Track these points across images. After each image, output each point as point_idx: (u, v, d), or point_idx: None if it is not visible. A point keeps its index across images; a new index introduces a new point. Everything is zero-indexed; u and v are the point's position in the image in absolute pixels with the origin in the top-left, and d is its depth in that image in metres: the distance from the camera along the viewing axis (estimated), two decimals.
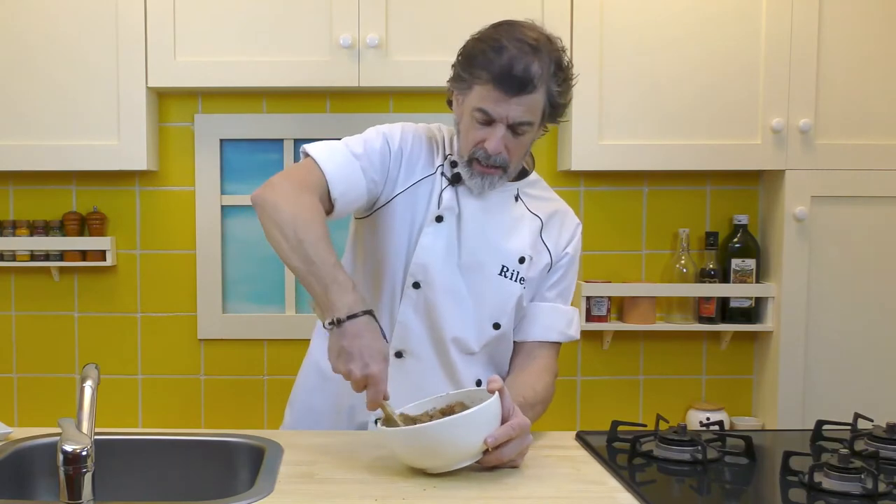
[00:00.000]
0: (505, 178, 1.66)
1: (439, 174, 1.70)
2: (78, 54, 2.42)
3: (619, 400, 2.67)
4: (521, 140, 1.63)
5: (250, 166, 2.66)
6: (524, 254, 1.70)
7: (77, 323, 2.68)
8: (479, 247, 1.68)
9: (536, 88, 1.56)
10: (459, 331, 1.70)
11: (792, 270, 2.48)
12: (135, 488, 1.59)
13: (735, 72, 2.44)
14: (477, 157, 1.62)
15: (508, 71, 1.55)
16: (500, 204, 1.72)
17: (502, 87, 1.55)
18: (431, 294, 1.67)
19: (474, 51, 1.62)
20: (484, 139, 1.60)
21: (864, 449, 1.54)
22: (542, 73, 1.57)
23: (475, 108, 1.60)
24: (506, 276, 1.69)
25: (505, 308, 1.70)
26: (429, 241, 1.66)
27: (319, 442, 1.61)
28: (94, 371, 1.35)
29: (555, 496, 1.34)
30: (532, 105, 1.58)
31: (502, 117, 1.58)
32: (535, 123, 1.61)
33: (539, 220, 1.75)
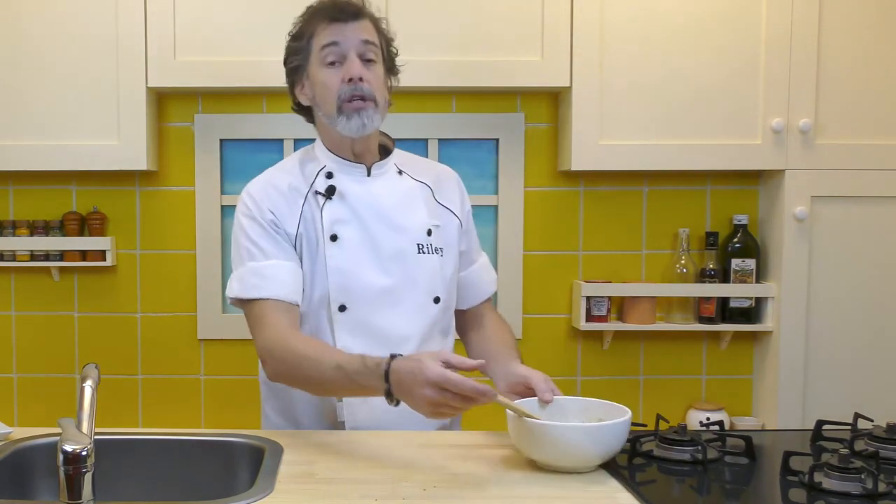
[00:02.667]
0: (377, 115, 1.68)
1: (312, 196, 1.71)
2: (78, 54, 2.41)
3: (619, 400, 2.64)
4: (376, 72, 1.69)
5: (250, 166, 2.65)
6: (428, 225, 1.74)
7: (77, 323, 2.68)
8: (389, 237, 1.71)
9: (365, 14, 1.70)
10: (402, 329, 1.71)
11: (792, 270, 2.48)
12: (135, 488, 1.59)
13: (735, 72, 2.44)
14: (344, 98, 1.66)
15: (335, 4, 1.69)
16: (388, 185, 1.75)
17: (338, 16, 1.67)
18: (359, 311, 1.69)
19: (301, 19, 1.74)
20: (343, 75, 1.66)
21: (864, 449, 1.54)
22: (364, 6, 1.71)
23: (322, 47, 1.68)
24: (424, 253, 1.73)
25: (435, 282, 1.73)
26: (332, 262, 1.68)
27: (319, 442, 1.62)
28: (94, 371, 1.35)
29: (555, 496, 1.34)
30: (369, 28, 1.70)
31: (348, 42, 1.67)
32: (378, 50, 1.70)
33: (427, 187, 1.79)
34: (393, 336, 1.70)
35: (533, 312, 2.66)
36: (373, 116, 1.67)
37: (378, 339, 1.69)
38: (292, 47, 1.74)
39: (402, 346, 1.68)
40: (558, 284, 2.68)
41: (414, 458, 1.52)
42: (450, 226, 1.79)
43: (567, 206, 2.67)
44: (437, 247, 1.74)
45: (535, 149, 2.66)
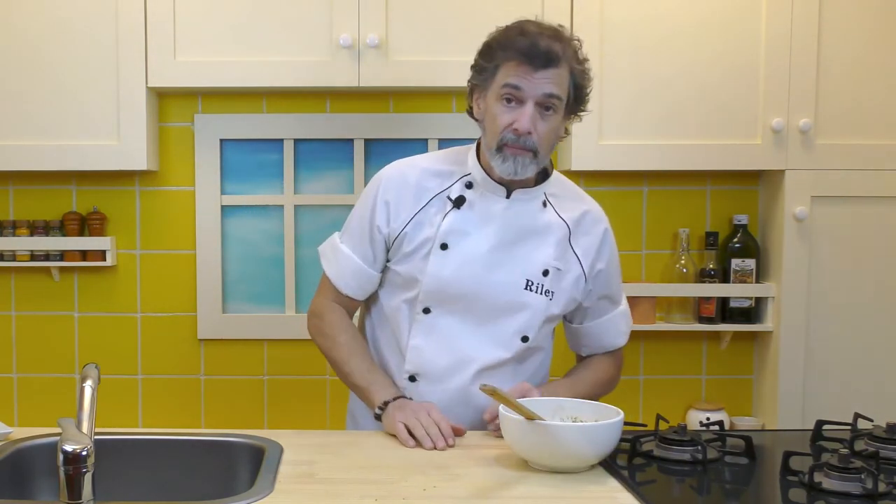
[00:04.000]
0: (535, 164, 1.65)
1: (440, 200, 1.72)
2: (78, 54, 2.41)
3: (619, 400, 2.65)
4: (550, 121, 1.63)
5: (250, 166, 2.66)
6: (548, 266, 1.72)
7: (77, 323, 2.68)
8: (500, 263, 1.70)
9: (561, 63, 1.61)
10: (475, 350, 1.72)
11: (792, 270, 2.48)
12: (135, 488, 1.59)
13: (735, 72, 2.44)
14: (506, 142, 1.62)
15: (535, 44, 1.59)
16: (527, 213, 1.72)
17: (529, 61, 1.59)
18: (442, 318, 1.71)
19: (497, 38, 1.66)
20: (513, 120, 1.61)
21: (864, 449, 1.54)
22: (565, 51, 1.62)
23: (503, 85, 1.62)
24: (531, 290, 1.71)
25: (532, 322, 1.72)
26: (435, 268, 1.69)
27: (319, 442, 1.62)
28: (94, 371, 1.35)
29: (555, 496, 1.34)
30: (558, 79, 1.61)
31: (531, 91, 1.60)
32: (562, 100, 1.63)
33: (566, 227, 1.75)
34: (465, 353, 1.72)
35: None
36: (528, 165, 1.64)
37: (449, 351, 1.72)
38: (479, 64, 1.69)
39: (466, 367, 1.71)
40: None
41: (414, 458, 1.52)
42: (570, 273, 1.75)
43: None
44: (549, 289, 1.73)
45: None
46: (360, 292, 1.81)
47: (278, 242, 2.65)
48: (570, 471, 1.44)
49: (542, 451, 1.43)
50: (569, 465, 1.44)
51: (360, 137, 2.62)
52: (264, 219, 2.66)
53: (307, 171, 2.64)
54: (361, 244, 1.77)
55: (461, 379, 1.72)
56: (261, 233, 2.66)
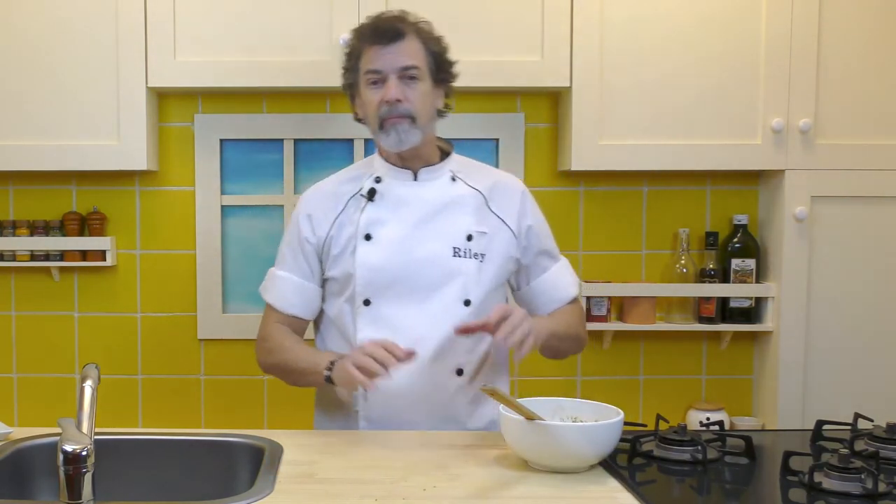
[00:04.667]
0: (416, 129, 1.75)
1: (355, 200, 1.82)
2: (78, 54, 2.41)
3: (619, 400, 2.65)
4: (418, 89, 1.75)
5: (250, 166, 2.66)
6: (470, 231, 1.79)
7: (77, 323, 2.68)
8: (423, 239, 1.77)
9: (407, 35, 1.75)
10: (423, 329, 1.75)
11: (792, 270, 2.48)
12: (135, 488, 1.59)
13: (735, 72, 2.44)
14: (383, 117, 1.74)
15: (377, 25, 1.76)
16: (437, 189, 1.81)
17: (377, 40, 1.74)
18: (384, 306, 1.77)
19: (349, 41, 1.83)
20: (381, 97, 1.73)
21: (864, 449, 1.54)
22: (409, 23, 1.77)
23: (365, 73, 1.76)
24: (460, 256, 1.78)
25: (469, 285, 1.77)
26: (363, 259, 1.77)
27: (319, 442, 1.62)
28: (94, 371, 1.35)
29: (555, 496, 1.34)
30: (410, 50, 1.75)
31: (387, 66, 1.73)
32: (421, 68, 1.75)
33: (481, 195, 1.84)
34: (413, 333, 1.74)
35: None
36: (409, 131, 1.75)
37: (398, 335, 1.72)
38: (346, 65, 1.84)
39: (421, 344, 1.73)
40: None
41: (414, 458, 1.52)
42: (499, 235, 1.82)
43: (567, 206, 2.67)
44: (478, 252, 1.79)
45: (535, 149, 2.66)
46: (304, 310, 1.86)
47: (278, 242, 2.64)
48: (570, 471, 1.44)
49: (542, 451, 1.43)
50: (569, 465, 1.44)
51: (360, 137, 2.62)
52: (264, 219, 2.66)
53: (307, 171, 2.64)
54: (296, 262, 1.85)
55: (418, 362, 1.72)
56: (261, 233, 2.66)
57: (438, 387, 1.76)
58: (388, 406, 1.75)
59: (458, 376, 1.77)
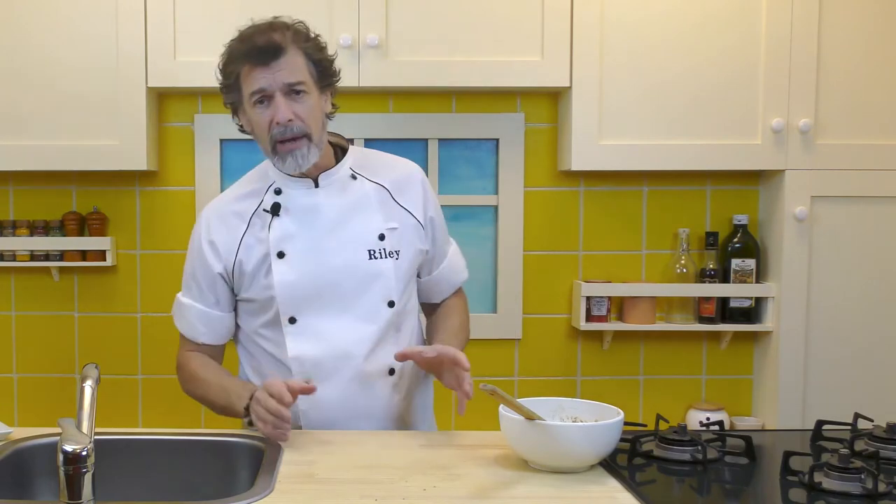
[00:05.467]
0: (313, 148, 1.69)
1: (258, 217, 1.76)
2: (78, 54, 2.41)
3: (619, 400, 2.67)
4: (307, 103, 1.68)
5: (250, 166, 2.61)
6: (380, 230, 1.76)
7: (77, 323, 2.68)
8: (337, 247, 1.73)
9: (286, 50, 1.65)
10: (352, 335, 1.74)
11: (792, 270, 2.48)
12: (135, 488, 1.59)
13: (735, 72, 2.44)
14: (276, 138, 1.67)
15: (254, 44, 1.66)
16: (337, 194, 1.76)
17: (257, 60, 1.65)
18: (309, 321, 1.73)
19: (225, 54, 1.72)
20: (271, 117, 1.66)
21: (864, 449, 1.54)
22: (286, 37, 1.67)
23: (250, 94, 1.67)
24: (376, 258, 1.75)
25: (389, 285, 1.75)
26: (280, 278, 1.72)
27: (319, 442, 1.62)
28: (94, 371, 1.35)
29: (555, 496, 1.34)
30: (293, 66, 1.66)
31: (273, 85, 1.65)
32: (307, 83, 1.68)
33: (385, 189, 1.80)
34: (344, 342, 1.74)
35: (533, 312, 2.66)
36: (307, 153, 1.69)
37: (330, 346, 1.73)
38: (223, 83, 1.73)
39: (354, 351, 1.73)
40: (558, 284, 2.68)
41: (414, 458, 1.52)
42: (407, 227, 1.80)
43: (567, 206, 2.67)
44: (392, 250, 1.76)
45: (535, 149, 2.66)
46: (214, 337, 1.83)
47: None
48: (570, 471, 1.44)
49: (542, 451, 1.43)
50: (569, 465, 1.44)
51: (361, 137, 2.62)
52: None
53: None
54: (200, 292, 1.79)
55: (352, 368, 1.73)
56: None
57: (373, 390, 1.75)
58: (329, 417, 1.74)
59: (390, 376, 1.77)
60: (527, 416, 1.44)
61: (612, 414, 1.50)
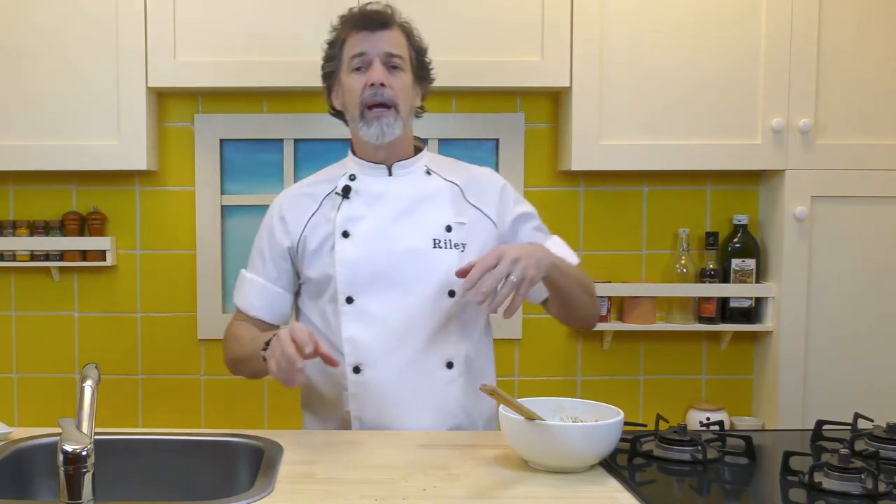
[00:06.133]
0: (399, 121, 1.74)
1: (330, 199, 1.81)
2: (78, 54, 2.41)
3: (619, 400, 2.66)
4: (401, 79, 1.75)
5: (250, 166, 2.66)
6: (448, 222, 1.78)
7: (77, 323, 2.68)
8: (402, 233, 1.76)
9: (393, 25, 1.77)
10: (409, 322, 1.74)
11: (792, 270, 2.48)
12: (135, 488, 1.59)
13: (735, 72, 2.44)
14: (366, 103, 1.73)
15: (365, 12, 1.78)
16: (409, 183, 1.80)
17: (364, 25, 1.75)
18: (367, 303, 1.74)
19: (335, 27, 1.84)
20: (366, 81, 1.73)
21: (864, 449, 1.54)
22: (394, 15, 1.79)
23: (351, 57, 1.76)
24: (440, 247, 1.76)
25: (452, 276, 1.73)
26: (342, 255, 1.75)
27: (319, 442, 1.62)
28: (94, 371, 1.35)
29: (555, 496, 1.34)
30: (395, 40, 1.77)
31: (373, 51, 1.74)
32: (404, 59, 1.77)
33: (457, 186, 1.83)
34: (399, 327, 1.73)
35: (533, 312, 2.66)
36: (392, 124, 1.74)
37: (385, 330, 1.73)
38: (327, 54, 1.84)
39: (408, 337, 1.73)
40: None
41: (414, 458, 1.52)
42: (479, 225, 1.81)
43: (567, 206, 2.67)
44: (458, 242, 1.77)
45: (535, 149, 2.66)
46: (268, 312, 1.85)
47: None
48: (570, 471, 1.44)
49: (542, 451, 1.43)
50: (569, 465, 1.44)
51: None
52: None
53: (307, 171, 2.63)
54: (264, 266, 1.84)
55: (406, 356, 1.72)
56: None
57: (428, 381, 1.74)
58: (378, 404, 1.73)
59: (449, 369, 1.75)
60: (527, 416, 1.44)
61: (612, 414, 1.50)
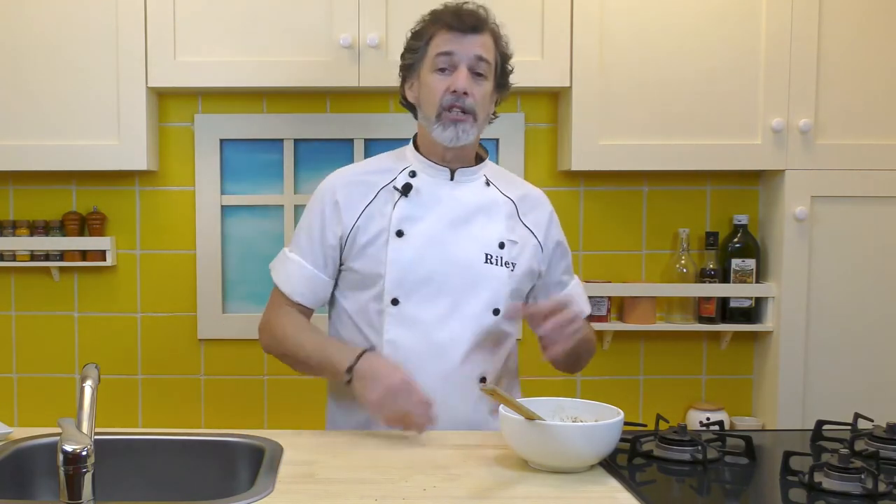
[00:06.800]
0: (474, 129, 1.72)
1: (387, 192, 1.76)
2: (78, 54, 2.41)
3: (619, 400, 2.66)
4: (484, 88, 1.72)
5: (250, 166, 2.66)
6: (502, 238, 1.76)
7: (77, 323, 2.68)
8: (456, 241, 1.73)
9: (485, 28, 1.72)
10: (451, 333, 1.72)
11: (792, 270, 2.48)
12: (135, 488, 1.59)
13: (735, 72, 2.44)
14: (445, 106, 1.69)
15: (459, 12, 1.72)
16: (470, 191, 1.77)
17: (457, 26, 1.70)
18: (412, 306, 1.72)
19: (424, 19, 1.78)
20: (449, 85, 1.69)
21: (864, 449, 1.54)
22: (488, 19, 1.74)
23: (436, 55, 1.72)
24: (491, 263, 1.74)
25: (499, 294, 1.74)
26: (395, 255, 1.72)
27: (319, 442, 1.62)
28: (94, 371, 1.35)
29: (555, 496, 1.34)
30: (486, 45, 1.72)
31: (462, 54, 1.70)
32: (491, 65, 1.73)
33: (512, 203, 1.81)
34: (441, 337, 1.72)
35: None
36: (469, 130, 1.71)
37: (426, 337, 1.72)
38: (410, 45, 1.78)
39: (449, 349, 1.71)
40: None
41: (414, 458, 1.52)
42: (527, 246, 1.79)
43: (567, 206, 2.67)
44: (509, 261, 1.75)
45: (535, 149, 2.66)
46: (311, 298, 1.80)
47: (278, 242, 2.65)
48: (570, 471, 1.44)
49: (542, 451, 1.43)
50: (569, 465, 1.44)
51: (360, 137, 2.62)
52: (264, 219, 2.66)
53: (307, 171, 2.65)
54: (312, 250, 1.78)
55: (445, 367, 1.72)
56: (261, 233, 2.66)
57: (463, 394, 1.73)
58: None
59: (481, 383, 1.74)
60: (527, 416, 1.44)
61: (612, 414, 1.50)
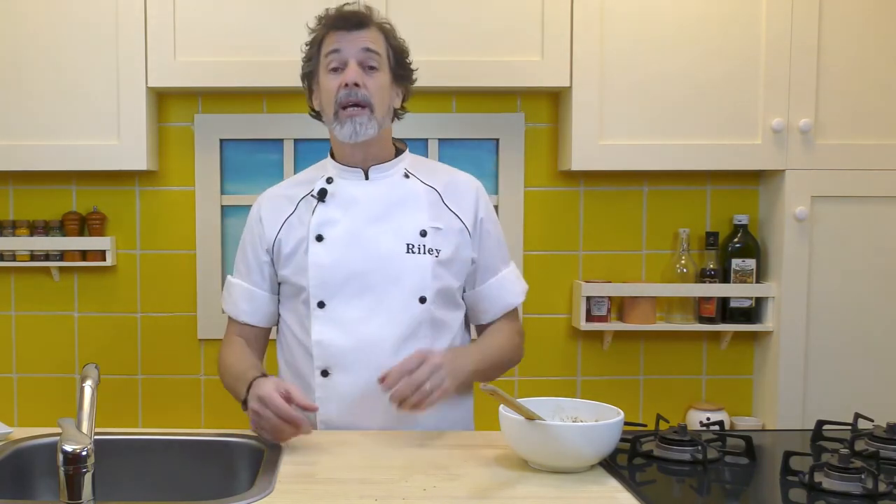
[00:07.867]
0: (374, 121, 1.74)
1: (306, 201, 1.81)
2: (78, 54, 2.41)
3: (619, 400, 2.66)
4: (378, 80, 1.75)
5: (250, 166, 2.66)
6: (423, 227, 1.77)
7: (77, 323, 2.68)
8: (376, 237, 1.75)
9: (370, 24, 1.76)
10: (379, 328, 1.73)
11: (792, 270, 2.48)
12: (135, 488, 1.59)
13: (735, 72, 2.44)
14: (341, 104, 1.72)
15: (342, 12, 1.77)
16: (389, 186, 1.80)
17: (342, 25, 1.75)
18: (338, 307, 1.75)
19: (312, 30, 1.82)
20: (342, 81, 1.72)
21: (864, 449, 1.54)
22: (371, 16, 1.78)
23: (326, 55, 1.76)
24: (414, 252, 1.75)
25: (424, 281, 1.75)
26: (315, 259, 1.75)
27: (319, 442, 1.62)
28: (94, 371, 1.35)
29: (555, 496, 1.34)
30: (372, 37, 1.76)
31: (349, 50, 1.73)
32: (381, 56, 1.76)
33: (435, 191, 1.82)
34: (367, 332, 1.74)
35: (533, 312, 2.66)
36: (366, 123, 1.73)
37: (353, 335, 1.73)
38: (306, 54, 1.83)
39: (378, 344, 1.73)
40: (558, 284, 2.68)
41: (414, 458, 1.52)
42: (453, 230, 1.80)
43: (567, 206, 2.67)
44: (432, 247, 1.76)
45: (535, 149, 2.66)
46: (256, 316, 1.85)
47: None
48: (570, 471, 1.44)
49: (542, 451, 1.43)
50: (569, 465, 1.44)
51: None
52: None
53: None
54: (248, 269, 1.85)
55: (376, 362, 1.70)
56: None
57: None
58: (345, 408, 1.73)
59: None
60: (527, 416, 1.44)
61: (612, 414, 1.50)
